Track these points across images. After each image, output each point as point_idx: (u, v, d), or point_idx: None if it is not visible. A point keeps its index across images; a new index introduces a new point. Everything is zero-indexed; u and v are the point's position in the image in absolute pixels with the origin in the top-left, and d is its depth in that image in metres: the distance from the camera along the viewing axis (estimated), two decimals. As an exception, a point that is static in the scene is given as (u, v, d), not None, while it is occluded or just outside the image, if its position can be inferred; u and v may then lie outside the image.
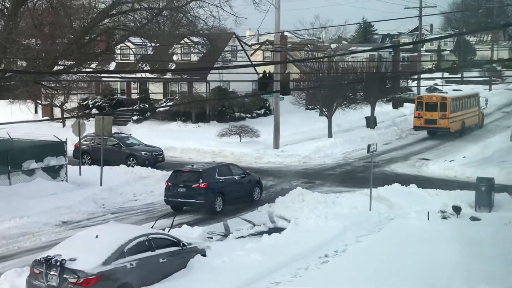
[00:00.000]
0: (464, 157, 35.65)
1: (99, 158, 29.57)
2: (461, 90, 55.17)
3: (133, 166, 33.29)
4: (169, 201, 25.11)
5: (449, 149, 39.89)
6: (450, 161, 34.87)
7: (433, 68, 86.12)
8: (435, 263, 16.58)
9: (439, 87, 70.22)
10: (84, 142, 34.98)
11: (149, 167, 32.56)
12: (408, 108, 60.05)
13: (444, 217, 22.47)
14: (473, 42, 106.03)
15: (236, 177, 26.06)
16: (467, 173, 31.27)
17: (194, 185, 24.26)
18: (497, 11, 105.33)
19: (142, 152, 35.12)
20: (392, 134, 46.41)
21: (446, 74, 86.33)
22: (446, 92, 50.08)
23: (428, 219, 21.88)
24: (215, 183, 24.67)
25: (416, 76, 60.73)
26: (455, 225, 21.30)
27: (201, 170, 24.94)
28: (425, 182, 28.98)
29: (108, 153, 32.85)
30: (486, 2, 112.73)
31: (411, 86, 67.27)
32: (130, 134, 38.80)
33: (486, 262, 16.56)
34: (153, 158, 35.02)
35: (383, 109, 56.17)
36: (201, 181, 24.21)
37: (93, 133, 33.80)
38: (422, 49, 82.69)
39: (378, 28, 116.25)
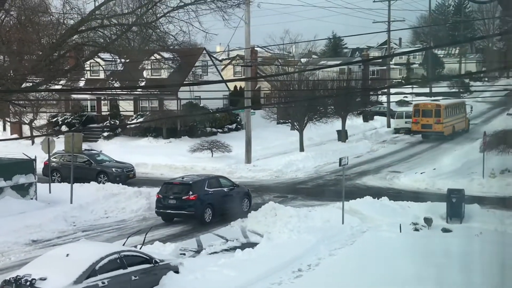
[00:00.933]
0: (434, 169, 36.00)
1: (69, 176, 29.32)
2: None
3: (104, 183, 32.83)
4: (160, 213, 25.65)
5: (420, 161, 40.28)
6: (421, 173, 35.19)
7: (403, 81, 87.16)
8: (407, 276, 16.66)
9: (409, 101, 70.91)
10: (54, 160, 34.62)
11: (120, 184, 32.31)
12: (379, 121, 60.64)
13: (416, 229, 22.65)
14: (442, 55, 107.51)
15: (225, 189, 26.61)
16: (437, 185, 31.58)
17: (184, 197, 24.80)
18: (464, 25, 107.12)
19: (113, 169, 34.90)
20: (363, 147, 46.74)
21: (415, 87, 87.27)
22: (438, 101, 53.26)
23: (400, 231, 22.01)
24: (204, 195, 25.17)
25: (385, 90, 61.26)
26: (427, 237, 21.48)
27: (191, 182, 25.48)
28: (396, 195, 29.20)
29: (78, 170, 32.46)
30: (453, 16, 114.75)
31: (381, 100, 67.86)
32: (101, 151, 38.41)
33: (459, 273, 16.67)
34: (124, 175, 34.87)
35: (354, 123, 56.60)
36: (190, 193, 24.75)
37: (63, 150, 33.36)
38: (391, 62, 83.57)
39: (348, 42, 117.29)
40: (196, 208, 24.84)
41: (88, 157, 35.42)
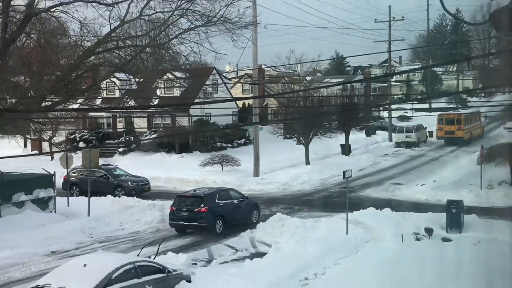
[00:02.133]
0: (435, 181, 35.92)
1: (88, 189, 29.41)
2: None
3: (120, 197, 32.86)
4: (173, 224, 25.76)
5: (421, 173, 40.16)
6: (422, 185, 35.10)
7: (403, 98, 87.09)
8: (410, 284, 16.58)
9: (409, 116, 70.86)
10: (73, 174, 34.88)
11: (135, 197, 32.37)
12: (380, 136, 60.56)
13: (417, 239, 22.56)
14: (440, 73, 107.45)
15: (235, 201, 26.66)
16: (437, 196, 31.48)
17: (196, 209, 24.91)
18: (461, 44, 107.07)
19: (129, 183, 35.03)
20: (366, 160, 46.66)
21: (415, 103, 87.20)
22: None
23: (402, 241, 21.93)
24: (215, 207, 25.29)
25: (387, 106, 61.33)
26: (428, 247, 21.38)
27: (202, 195, 25.60)
28: (398, 206, 29.13)
29: (96, 184, 32.84)
30: (450, 35, 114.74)
31: (383, 115, 67.85)
32: (117, 166, 38.65)
33: (459, 281, 16.57)
34: (140, 188, 34.93)
35: (357, 137, 56.53)
36: (202, 205, 24.86)
37: (81, 165, 33.54)
38: (392, 80, 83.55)
39: (350, 61, 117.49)
40: (208, 219, 24.90)
41: (105, 171, 35.65)
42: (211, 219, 24.99)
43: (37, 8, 22.25)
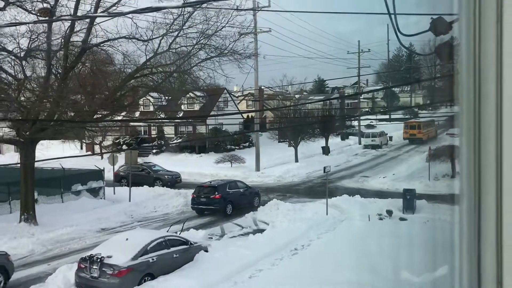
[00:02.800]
0: (394, 174, 35.90)
1: (134, 181, 29.50)
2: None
3: (160, 186, 33.22)
4: (194, 208, 25.87)
5: (383, 169, 40.10)
6: (384, 177, 35.05)
7: (369, 111, 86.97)
8: (373, 252, 16.59)
9: (374, 125, 70.77)
10: (122, 170, 34.87)
11: (168, 187, 32.55)
12: (352, 140, 60.43)
13: (381, 219, 22.56)
14: (397, 92, 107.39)
15: (241, 190, 26.73)
16: (396, 186, 31.43)
17: (211, 196, 25.04)
18: (414, 70, 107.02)
19: (166, 176, 35.03)
20: (341, 158, 46.60)
21: (379, 115, 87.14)
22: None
23: (369, 220, 21.94)
24: (226, 194, 25.40)
25: (357, 117, 61.32)
26: (389, 224, 21.39)
27: (216, 185, 25.78)
28: (366, 193, 29.07)
29: (140, 177, 33.26)
30: (405, 63, 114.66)
31: (354, 124, 67.79)
32: (155, 164, 38.54)
33: (411, 249, 16.58)
34: (174, 180, 34.82)
35: (334, 141, 56.45)
36: (216, 193, 24.99)
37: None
38: (361, 97, 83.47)
39: (329, 83, 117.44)
40: (220, 204, 24.98)
41: (147, 167, 35.80)
42: (223, 203, 25.07)
43: (90, 43, 22.28)
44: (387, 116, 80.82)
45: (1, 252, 15.37)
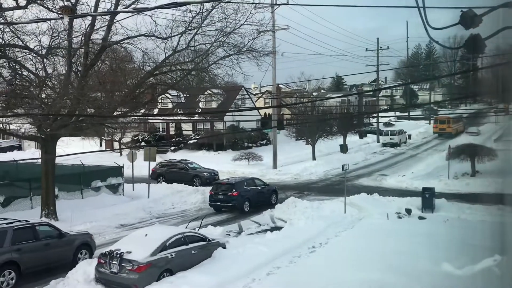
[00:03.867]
0: (412, 172, 35.59)
1: (172, 179, 29.56)
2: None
3: (197, 185, 32.67)
4: (212, 205, 25.92)
5: (402, 167, 39.81)
6: (402, 175, 34.77)
7: (388, 108, 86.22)
8: (393, 250, 16.46)
9: (393, 122, 70.21)
10: (159, 167, 34.80)
11: (207, 185, 31.65)
12: (370, 138, 60.09)
13: (399, 217, 22.37)
14: (416, 89, 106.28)
15: (259, 187, 26.73)
16: (415, 184, 31.18)
17: (229, 193, 25.12)
18: (433, 67, 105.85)
19: (205, 173, 34.48)
20: (359, 157, 46.38)
21: (397, 113, 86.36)
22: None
23: (388, 218, 21.77)
24: (244, 191, 25.43)
25: (375, 115, 60.91)
26: (408, 223, 21.20)
27: (234, 182, 25.77)
28: (384, 192, 28.88)
29: (178, 174, 33.32)
30: (424, 60, 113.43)
31: (372, 122, 67.32)
32: (192, 161, 37.67)
33: (430, 248, 16.41)
34: (212, 178, 34.06)
35: (352, 139, 56.18)
36: (234, 190, 25.07)
37: (166, 160, 34.60)
38: (379, 95, 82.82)
39: (347, 80, 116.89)
40: (238, 201, 25.03)
41: (185, 165, 35.24)
42: (241, 201, 25.12)
43: (110, 41, 22.46)
44: (406, 114, 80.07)
45: (85, 232, 18.21)
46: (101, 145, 55.47)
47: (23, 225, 15.33)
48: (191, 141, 51.28)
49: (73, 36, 21.78)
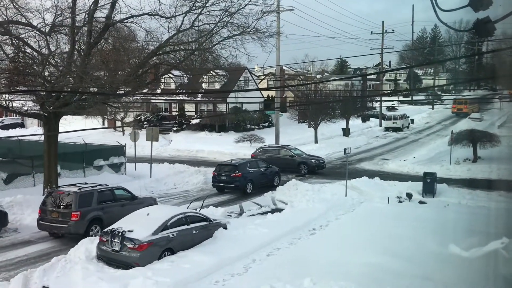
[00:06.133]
0: (414, 157, 35.58)
1: (273, 165, 28.03)
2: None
3: (304, 173, 30.68)
4: (215, 185, 26.13)
5: (403, 151, 39.80)
6: (404, 160, 34.80)
7: (391, 92, 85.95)
8: (393, 234, 16.54)
9: (396, 107, 69.99)
10: (259, 153, 32.30)
11: (313, 172, 30.95)
12: (373, 122, 59.99)
13: (400, 201, 22.45)
14: (420, 74, 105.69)
15: (262, 169, 26.86)
16: (416, 169, 31.24)
17: (232, 174, 25.26)
18: (438, 51, 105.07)
19: (312, 160, 31.56)
20: (362, 140, 46.35)
21: (401, 97, 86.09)
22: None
23: (388, 202, 21.86)
24: (246, 173, 25.57)
25: (378, 98, 60.67)
26: (408, 207, 21.27)
27: (237, 164, 25.87)
28: (385, 176, 28.94)
29: (283, 161, 30.87)
30: (430, 44, 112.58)
31: (375, 106, 67.16)
32: (294, 147, 34.70)
33: (430, 232, 16.49)
34: (321, 166, 31.53)
35: (355, 123, 56.15)
36: (237, 171, 25.21)
37: (268, 145, 33.33)
38: (383, 78, 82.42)
39: (351, 63, 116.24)
40: (241, 182, 25.18)
41: (289, 150, 32.29)
42: (243, 182, 25.26)
43: (114, 19, 22.27)
44: (409, 99, 79.77)
45: (150, 196, 21.38)
46: (103, 124, 55.51)
47: (104, 189, 18.22)
48: (193, 122, 51.28)
49: (76, 14, 21.61)
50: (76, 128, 35.22)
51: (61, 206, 17.12)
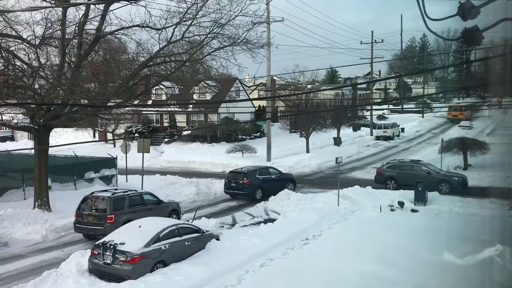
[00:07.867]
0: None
1: (405, 183, 26.35)
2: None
3: (446, 191, 26.30)
4: (227, 192, 26.77)
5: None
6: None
7: (381, 101, 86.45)
8: (386, 242, 16.55)
9: (386, 116, 70.36)
10: (388, 169, 29.24)
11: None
12: (364, 131, 60.23)
13: (392, 210, 22.47)
14: (410, 83, 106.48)
15: (273, 176, 27.23)
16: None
17: (241, 181, 25.90)
18: (427, 60, 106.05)
19: (455, 178, 27.40)
20: (353, 150, 46.48)
21: (391, 106, 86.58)
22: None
23: (380, 211, 21.87)
24: (255, 180, 26.10)
25: (369, 107, 61.03)
26: (400, 216, 21.29)
27: (245, 171, 26.48)
28: (377, 185, 28.94)
29: (415, 177, 26.07)
30: (419, 53, 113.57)
31: (366, 115, 67.49)
32: (426, 162, 30.51)
33: (422, 240, 16.51)
34: (464, 184, 27.14)
35: (346, 132, 56.29)
36: (245, 179, 25.84)
37: (397, 160, 30.11)
38: (373, 88, 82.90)
39: (341, 73, 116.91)
40: (249, 189, 25.82)
41: (424, 165, 28.55)
42: (252, 189, 25.86)
43: (104, 31, 22.27)
44: (399, 107, 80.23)
45: (174, 201, 22.51)
46: (94, 136, 55.19)
47: (134, 194, 19.64)
48: (185, 133, 51.17)
49: (66, 26, 21.59)
50: (67, 141, 34.99)
51: (96, 210, 18.49)
